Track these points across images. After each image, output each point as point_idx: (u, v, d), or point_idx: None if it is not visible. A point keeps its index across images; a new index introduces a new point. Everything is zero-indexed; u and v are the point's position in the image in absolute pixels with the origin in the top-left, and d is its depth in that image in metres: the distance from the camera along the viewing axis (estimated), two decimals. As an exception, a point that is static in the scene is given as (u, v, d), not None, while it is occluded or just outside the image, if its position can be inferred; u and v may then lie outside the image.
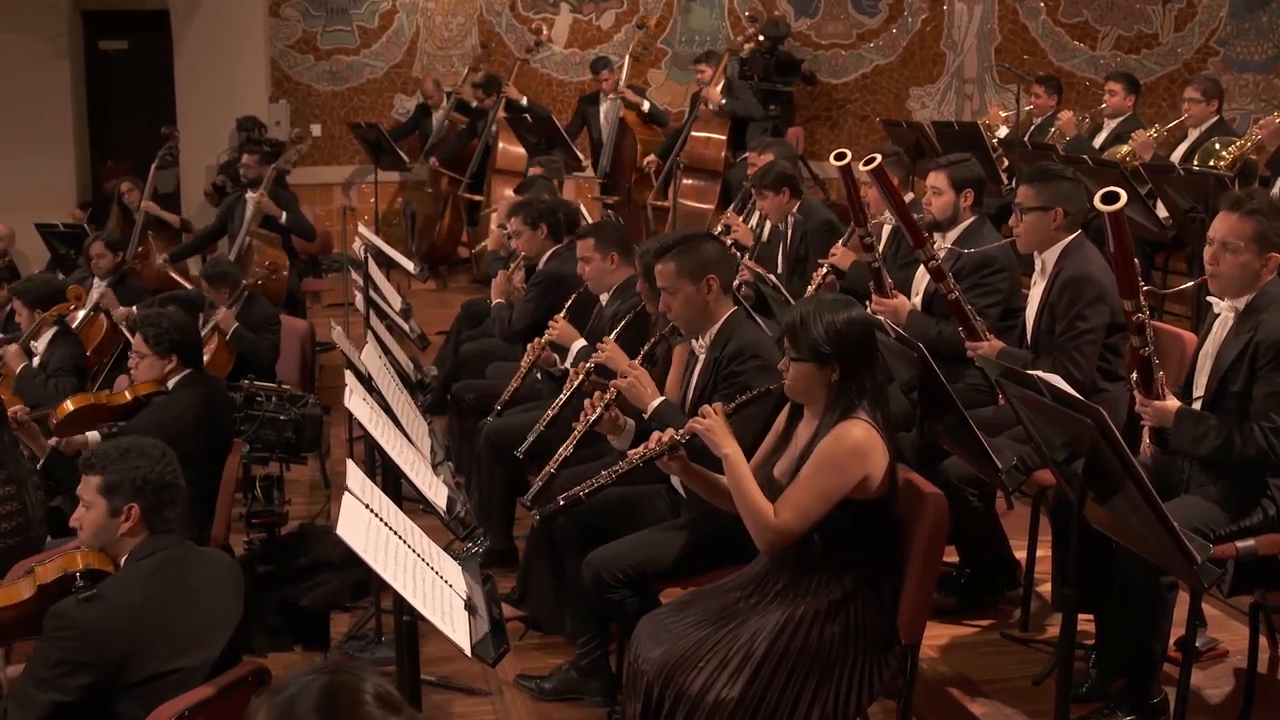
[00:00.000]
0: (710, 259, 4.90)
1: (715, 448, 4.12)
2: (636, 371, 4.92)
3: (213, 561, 4.04)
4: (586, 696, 5.13)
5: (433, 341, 8.71)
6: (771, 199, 7.73)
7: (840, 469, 3.92)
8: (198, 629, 3.78)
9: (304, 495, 7.82)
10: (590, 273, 6.48)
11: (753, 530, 4.02)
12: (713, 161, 11.45)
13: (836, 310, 4.04)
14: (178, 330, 6.01)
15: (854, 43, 14.53)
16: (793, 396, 4.17)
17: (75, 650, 3.58)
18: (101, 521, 3.86)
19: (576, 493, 4.38)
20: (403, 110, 14.14)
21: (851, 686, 3.99)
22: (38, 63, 13.63)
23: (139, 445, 3.93)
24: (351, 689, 2.28)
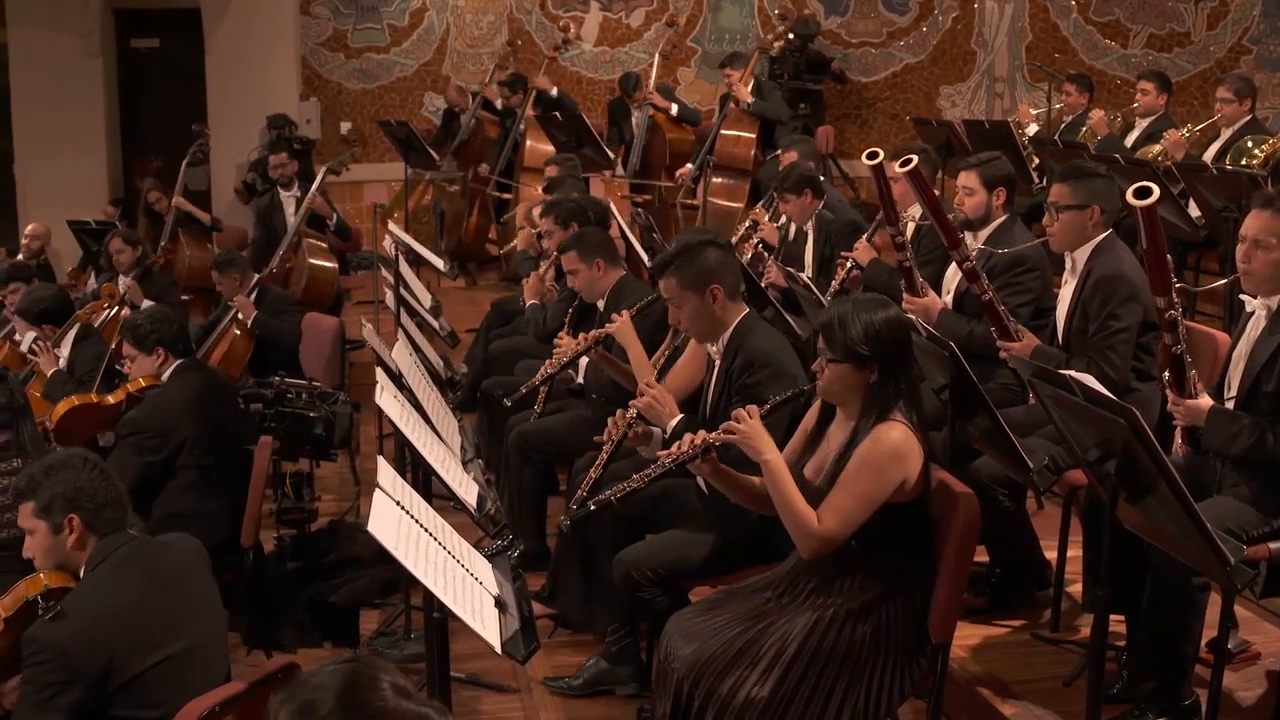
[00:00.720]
0: (711, 267, 4.83)
1: (755, 454, 4.06)
2: (654, 390, 4.87)
3: (170, 547, 4.04)
4: (617, 686, 5.13)
5: (462, 339, 8.71)
6: (794, 201, 7.73)
7: (880, 472, 3.90)
8: (171, 618, 3.79)
9: (334, 492, 7.84)
10: (580, 284, 6.50)
11: (796, 537, 3.99)
12: (742, 160, 11.44)
13: (874, 310, 4.00)
14: (156, 325, 6.05)
15: (884, 41, 14.50)
16: (827, 398, 4.14)
17: (55, 670, 3.58)
18: (48, 543, 3.88)
19: (608, 497, 4.35)
20: (432, 108, 14.18)
21: (882, 687, 3.98)
22: (70, 61, 13.70)
23: (60, 459, 3.93)
24: (369, 676, 2.36)
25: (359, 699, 2.32)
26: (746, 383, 4.69)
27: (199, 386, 5.98)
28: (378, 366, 5.70)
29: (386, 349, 5.98)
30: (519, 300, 8.50)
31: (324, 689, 2.32)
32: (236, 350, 7.89)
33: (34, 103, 13.69)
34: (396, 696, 2.33)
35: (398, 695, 2.34)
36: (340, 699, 2.31)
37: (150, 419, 5.71)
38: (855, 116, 14.53)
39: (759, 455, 4.06)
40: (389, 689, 2.34)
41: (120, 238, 9.44)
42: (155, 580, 3.81)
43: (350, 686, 2.32)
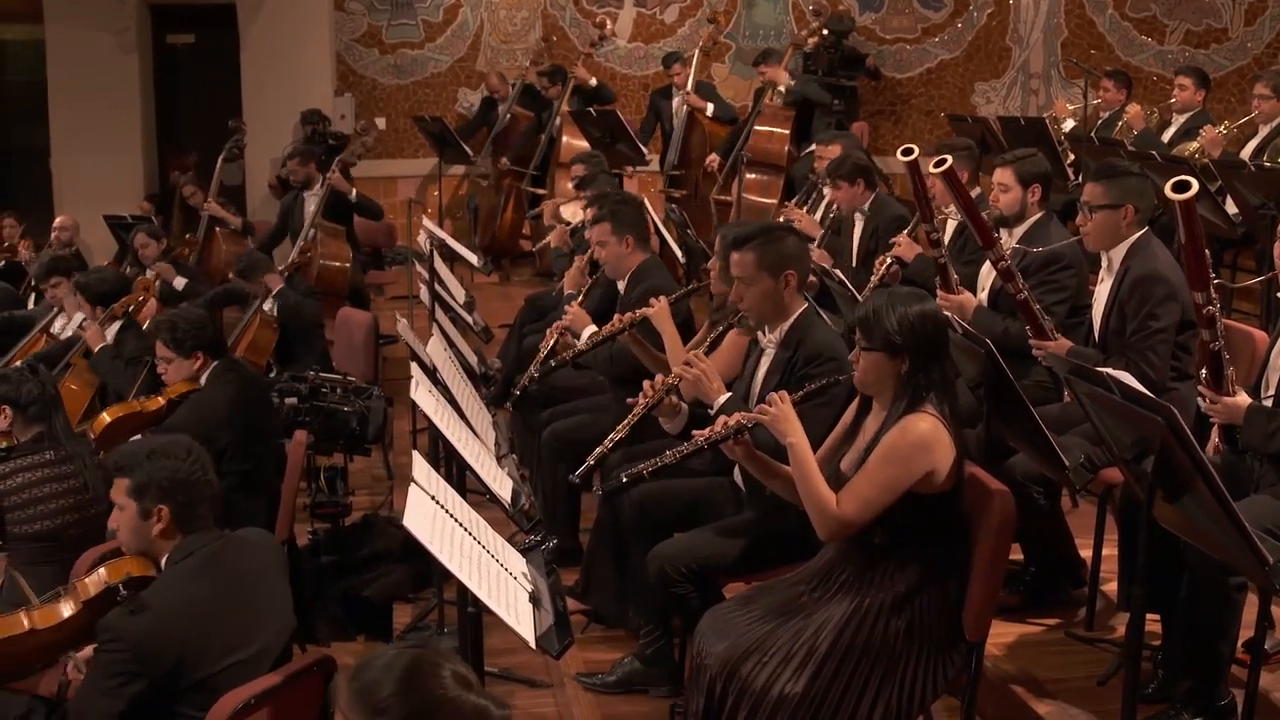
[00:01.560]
0: (791, 254, 4.85)
1: (780, 436, 4.11)
2: (703, 364, 4.86)
3: (252, 546, 3.99)
4: (650, 687, 5.13)
5: (496, 335, 8.73)
6: (845, 190, 7.72)
7: (905, 461, 3.91)
8: (247, 621, 3.78)
9: (367, 487, 7.87)
10: (606, 256, 6.50)
11: (815, 519, 4.01)
12: (776, 156, 11.42)
13: (910, 303, 4.03)
14: (195, 327, 6.06)
15: (919, 37, 14.44)
16: (862, 388, 4.16)
17: (126, 661, 3.58)
18: (134, 524, 3.85)
19: (640, 470, 4.37)
20: (466, 104, 14.19)
21: (915, 683, 3.97)
22: (106, 57, 13.76)
23: (165, 445, 3.89)
24: (431, 664, 2.40)
25: (419, 685, 2.35)
26: (810, 372, 4.66)
27: (237, 389, 6.00)
28: (412, 361, 5.71)
29: (421, 344, 5.99)
30: (553, 296, 8.51)
31: (386, 673, 2.36)
32: (261, 340, 7.92)
33: (70, 98, 13.75)
34: (457, 686, 2.37)
35: (458, 685, 2.37)
36: (400, 684, 2.35)
37: (193, 425, 5.71)
38: (889, 113, 14.47)
39: (784, 437, 4.09)
40: (450, 678, 2.37)
41: (144, 232, 9.53)
42: (233, 584, 3.78)
43: (411, 673, 2.36)
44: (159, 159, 14.52)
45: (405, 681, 2.36)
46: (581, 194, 8.82)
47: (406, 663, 2.40)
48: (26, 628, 3.95)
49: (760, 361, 4.97)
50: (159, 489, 3.79)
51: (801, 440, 4.08)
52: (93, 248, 11.98)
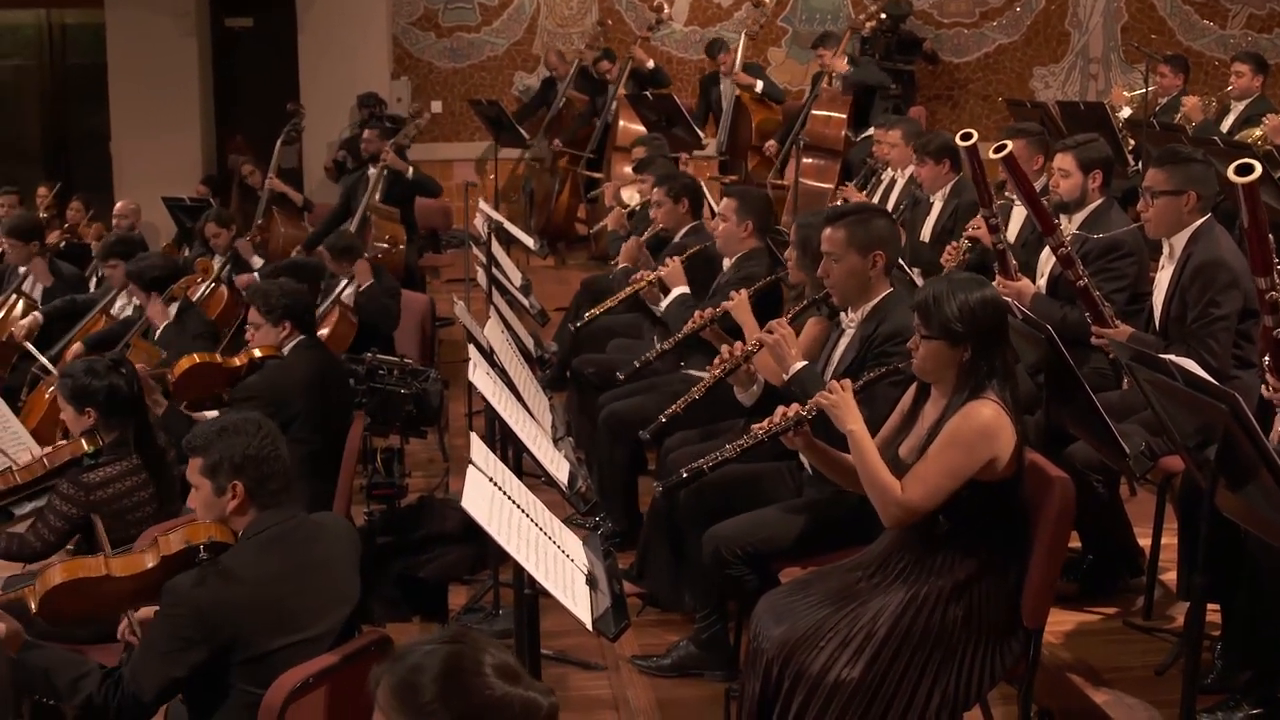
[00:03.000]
0: (881, 235, 4.83)
1: (840, 423, 4.10)
2: (784, 330, 4.85)
3: (326, 530, 4.00)
4: (705, 671, 5.13)
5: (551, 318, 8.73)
6: (931, 167, 7.68)
7: (969, 448, 3.90)
8: (312, 603, 3.78)
9: (422, 469, 7.90)
10: (722, 231, 6.47)
11: (878, 505, 4.00)
12: (833, 140, 11.37)
13: (970, 289, 4.00)
14: (289, 298, 6.13)
15: (977, 21, 14.36)
16: (921, 376, 4.14)
17: (187, 627, 3.60)
18: (209, 501, 3.86)
19: (700, 465, 4.36)
20: (522, 87, 14.22)
21: (973, 670, 3.96)
22: (166, 40, 13.86)
23: (235, 423, 3.90)
24: (472, 659, 2.32)
25: (462, 685, 2.29)
26: (887, 351, 4.64)
27: (317, 365, 6.06)
28: (470, 344, 5.72)
29: (478, 326, 6.01)
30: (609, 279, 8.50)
31: (425, 671, 2.31)
32: (340, 331, 7.93)
33: (130, 82, 13.87)
34: (502, 682, 2.30)
35: (503, 679, 2.30)
36: (442, 686, 2.29)
37: (267, 388, 5.78)
38: (947, 98, 14.39)
39: (844, 425, 4.09)
40: (493, 673, 2.31)
41: (214, 220, 9.51)
42: (303, 565, 3.79)
43: (452, 673, 2.30)
44: (217, 142, 14.61)
45: (447, 682, 2.29)
46: (640, 177, 8.80)
47: (446, 662, 2.32)
48: (104, 573, 3.94)
49: (840, 340, 4.96)
50: (231, 466, 3.80)
51: (861, 428, 4.07)
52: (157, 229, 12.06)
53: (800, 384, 4.74)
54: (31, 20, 16.31)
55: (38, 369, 7.83)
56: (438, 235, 12.40)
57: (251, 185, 11.95)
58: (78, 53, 16.15)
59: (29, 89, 16.58)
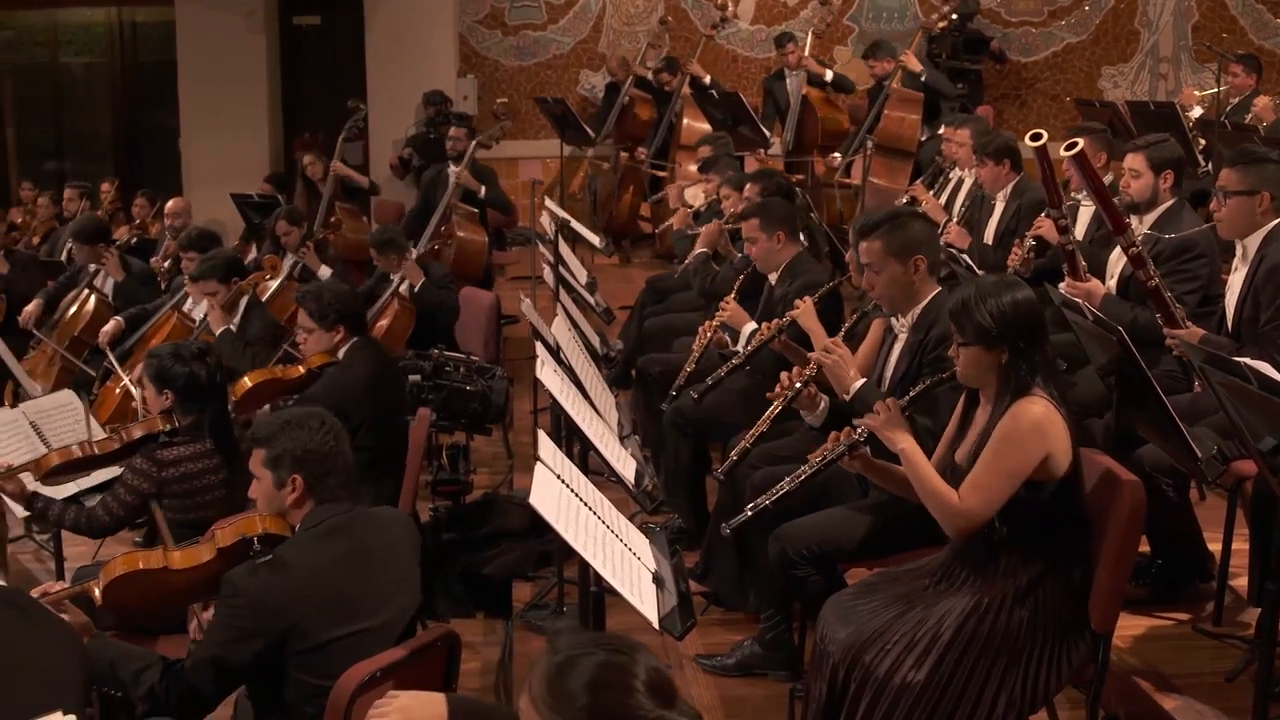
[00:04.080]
0: (919, 239, 4.81)
1: (890, 444, 4.11)
2: (840, 350, 4.86)
3: (384, 522, 4.02)
4: (770, 671, 5.13)
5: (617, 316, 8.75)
6: (991, 168, 7.64)
7: (1021, 447, 3.87)
8: (370, 593, 3.80)
9: (487, 465, 7.93)
10: (757, 253, 6.44)
11: (940, 518, 3.99)
12: (907, 141, 11.30)
13: (1000, 292, 3.98)
14: (339, 301, 6.14)
15: (1045, 20, 14.26)
16: (965, 382, 4.13)
17: (245, 618, 3.64)
18: (270, 493, 3.91)
19: (762, 502, 4.37)
20: (588, 86, 14.25)
21: (1039, 673, 3.93)
22: (235, 38, 13.99)
23: (299, 416, 3.95)
24: (625, 672, 2.29)
25: (611, 700, 2.26)
26: (940, 355, 4.62)
27: (374, 367, 6.08)
28: (537, 341, 5.74)
29: (545, 324, 6.02)
30: (674, 278, 8.52)
31: (578, 675, 2.28)
32: (399, 325, 7.99)
33: (199, 79, 14.02)
34: (653, 702, 2.26)
35: (654, 699, 2.26)
36: (591, 696, 2.26)
37: (330, 397, 5.76)
38: (1014, 97, 14.30)
39: (894, 445, 4.09)
40: (644, 690, 2.27)
41: (285, 218, 9.57)
42: (360, 556, 3.81)
43: (603, 685, 2.27)
44: (284, 140, 14.72)
45: (597, 693, 2.26)
46: (705, 177, 8.80)
47: (599, 672, 2.29)
48: (162, 565, 4.02)
49: (893, 347, 4.94)
50: (293, 459, 3.85)
51: (911, 445, 4.07)
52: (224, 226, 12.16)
53: (862, 402, 4.73)
54: (102, 19, 16.51)
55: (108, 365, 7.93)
56: (503, 233, 12.44)
57: (312, 178, 12.00)
58: (148, 51, 16.33)
59: (100, 86, 16.79)
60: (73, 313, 8.76)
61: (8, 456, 5.52)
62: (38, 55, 16.93)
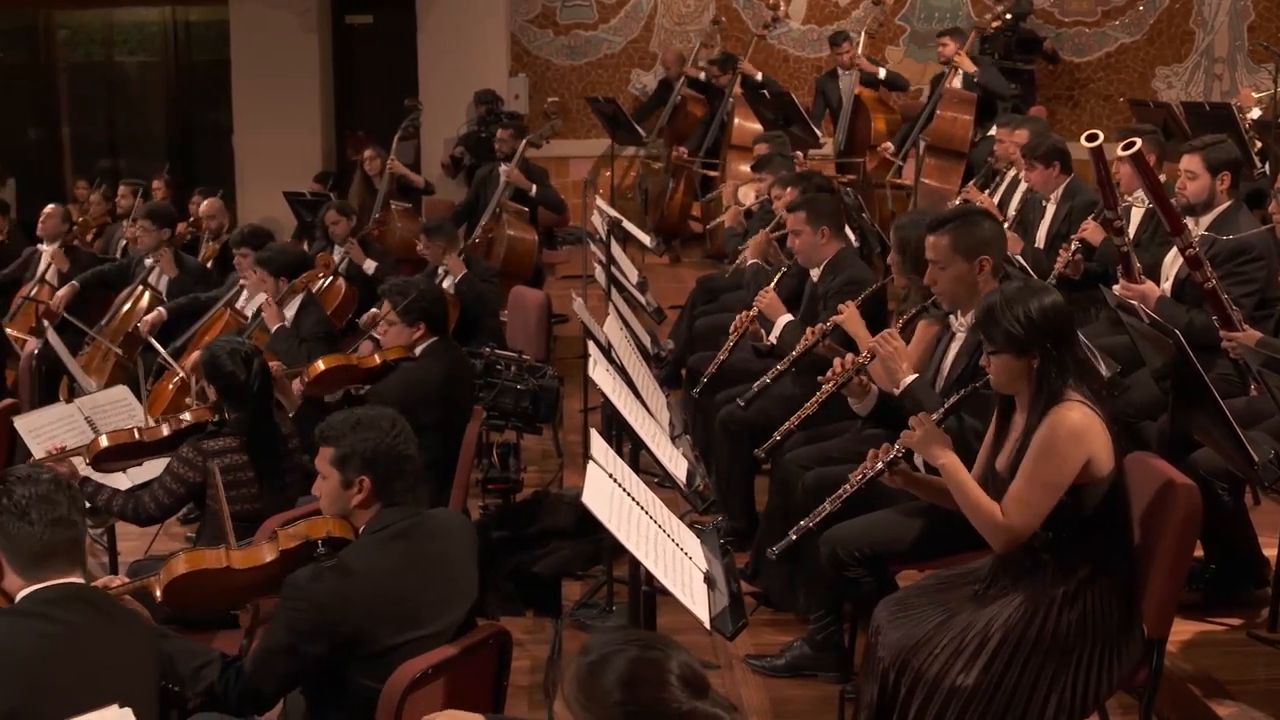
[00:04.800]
0: (987, 238, 4.78)
1: (930, 459, 4.10)
2: (896, 342, 4.84)
3: (446, 527, 4.01)
4: (820, 673, 5.12)
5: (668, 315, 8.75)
6: (1041, 171, 7.60)
7: (1061, 457, 3.84)
8: (432, 600, 3.79)
9: (536, 464, 7.94)
10: (800, 246, 6.42)
11: (985, 533, 3.98)
12: (959, 141, 11.24)
13: (1025, 299, 3.94)
14: (425, 299, 6.16)
15: (1098, 20, 14.16)
16: (998, 389, 4.09)
17: (307, 622, 3.63)
18: (335, 492, 3.89)
19: (806, 525, 4.36)
20: (638, 85, 14.26)
21: (1089, 676, 3.91)
22: (288, 36, 14.06)
23: (370, 417, 3.92)
24: (659, 667, 2.30)
25: (646, 694, 2.28)
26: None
27: (449, 368, 6.11)
28: (589, 340, 5.74)
29: (597, 323, 6.03)
30: (724, 277, 8.50)
31: (611, 672, 2.29)
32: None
33: (253, 77, 14.09)
34: (687, 694, 2.27)
35: (687, 691, 2.28)
36: (625, 692, 2.27)
37: (401, 395, 5.76)
38: (1067, 97, 14.21)
39: (934, 460, 4.08)
40: (678, 684, 2.28)
41: (335, 209, 9.67)
42: (424, 561, 3.80)
43: (637, 681, 2.29)
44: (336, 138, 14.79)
45: (631, 688, 2.28)
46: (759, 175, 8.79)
47: (632, 667, 2.30)
48: (224, 565, 4.00)
49: (950, 345, 4.92)
50: (361, 460, 3.83)
51: (952, 460, 4.05)
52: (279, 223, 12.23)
53: (912, 398, 4.71)
54: (157, 18, 16.65)
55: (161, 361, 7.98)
56: (553, 232, 12.46)
57: (370, 174, 12.07)
58: (202, 49, 16.46)
59: (154, 85, 16.94)
60: (126, 309, 8.82)
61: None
62: (93, 54, 17.10)
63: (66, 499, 3.39)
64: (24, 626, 3.25)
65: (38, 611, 3.27)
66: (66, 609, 3.30)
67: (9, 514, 3.32)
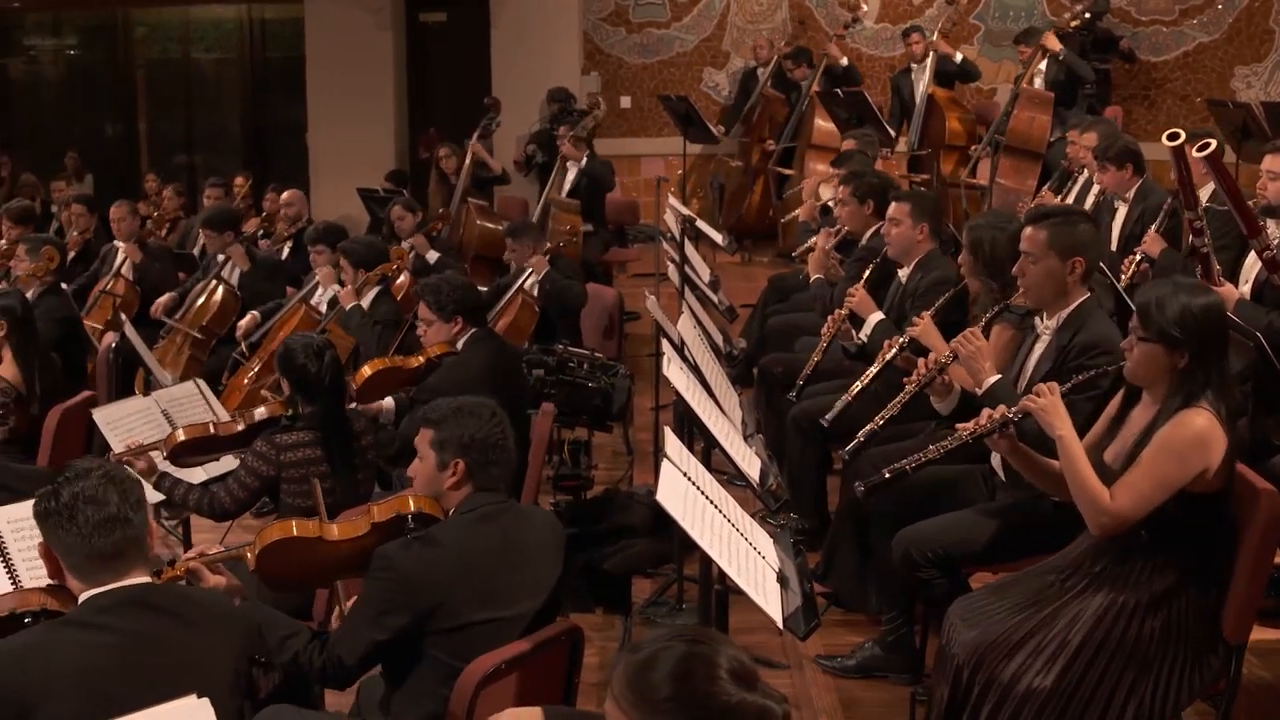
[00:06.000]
0: (1084, 241, 4.72)
1: (1049, 428, 4.02)
2: (979, 342, 4.79)
3: (534, 520, 4.09)
4: (890, 674, 5.10)
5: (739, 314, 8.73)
6: (1113, 174, 7.52)
7: (1181, 458, 3.80)
8: (513, 583, 3.85)
9: (606, 461, 7.94)
10: (896, 236, 6.36)
11: (1086, 514, 3.92)
12: (1036, 142, 11.14)
13: (1194, 295, 3.90)
14: (458, 292, 6.21)
15: (1176, 19, 14.00)
16: (1132, 379, 4.04)
17: (394, 591, 3.71)
18: (430, 473, 3.98)
19: (903, 466, 4.32)
20: (711, 83, 14.26)
21: (1169, 685, 3.87)
22: (362, 34, 14.16)
23: (473, 405, 4.01)
24: (708, 661, 2.30)
25: (696, 687, 2.28)
26: (1084, 363, 4.55)
27: (492, 358, 6.13)
28: (663, 338, 5.74)
29: (670, 321, 6.02)
30: (797, 277, 8.47)
31: (660, 668, 2.30)
32: (522, 320, 8.03)
33: (327, 74, 14.20)
34: (737, 687, 2.27)
35: (737, 684, 2.28)
36: (676, 686, 2.28)
37: (448, 389, 5.80)
38: (1143, 97, 14.06)
39: (1053, 430, 4.00)
40: (728, 677, 2.28)
41: (400, 205, 9.78)
42: (508, 546, 3.87)
43: (687, 674, 2.29)
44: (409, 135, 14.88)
45: (681, 683, 2.28)
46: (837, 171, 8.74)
47: (681, 663, 2.30)
48: (318, 534, 4.07)
49: (1034, 347, 4.87)
50: (459, 444, 3.92)
51: (1071, 433, 3.99)
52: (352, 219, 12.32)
53: (994, 399, 4.67)
54: (233, 15, 16.84)
55: (238, 355, 8.06)
56: (625, 230, 12.47)
57: (446, 171, 12.13)
58: (277, 46, 16.63)
59: (230, 82, 17.13)
60: (201, 303, 8.90)
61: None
62: (170, 51, 17.32)
63: (117, 495, 3.19)
64: (76, 638, 3.11)
65: (91, 621, 3.14)
66: (122, 615, 3.15)
67: (56, 516, 3.17)
